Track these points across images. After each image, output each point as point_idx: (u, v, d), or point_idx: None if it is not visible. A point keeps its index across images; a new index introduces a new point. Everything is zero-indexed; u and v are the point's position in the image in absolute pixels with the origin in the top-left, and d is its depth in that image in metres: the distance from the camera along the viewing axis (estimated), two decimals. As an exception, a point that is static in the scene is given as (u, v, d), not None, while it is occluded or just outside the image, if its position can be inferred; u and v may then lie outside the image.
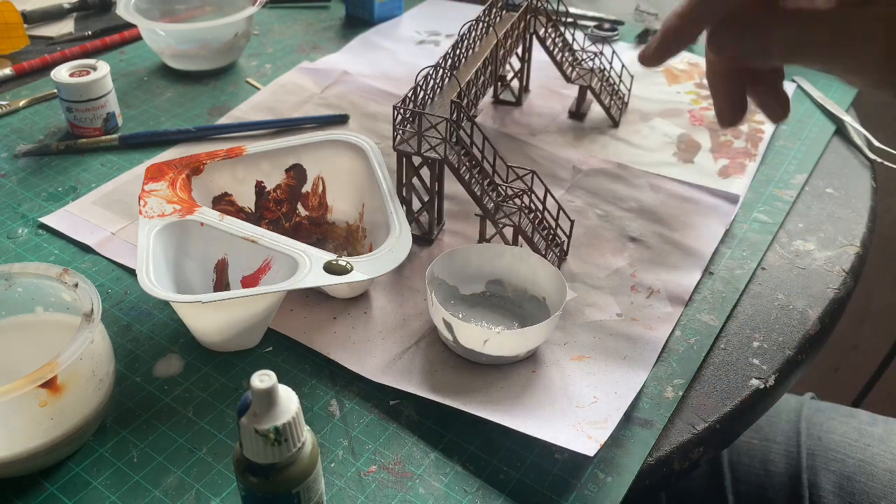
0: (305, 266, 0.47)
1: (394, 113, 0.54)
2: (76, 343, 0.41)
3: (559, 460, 0.45)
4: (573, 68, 0.74)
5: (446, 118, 0.53)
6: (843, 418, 0.67)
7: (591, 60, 0.74)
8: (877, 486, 0.60)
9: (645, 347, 0.51)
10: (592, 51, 0.74)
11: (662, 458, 0.45)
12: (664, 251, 0.60)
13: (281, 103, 0.79)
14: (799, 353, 0.52)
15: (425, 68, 0.57)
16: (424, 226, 0.60)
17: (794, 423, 0.67)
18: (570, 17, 0.75)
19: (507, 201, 0.54)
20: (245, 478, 0.35)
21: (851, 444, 0.64)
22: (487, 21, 0.66)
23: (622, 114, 0.77)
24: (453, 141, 0.54)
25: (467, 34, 0.62)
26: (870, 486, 0.60)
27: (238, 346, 0.51)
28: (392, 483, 0.43)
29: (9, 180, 0.67)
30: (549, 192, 0.55)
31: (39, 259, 0.58)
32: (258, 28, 0.94)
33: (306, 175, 0.60)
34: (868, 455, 0.63)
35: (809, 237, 0.62)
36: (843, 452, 0.63)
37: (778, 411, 0.69)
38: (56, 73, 0.70)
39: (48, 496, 0.43)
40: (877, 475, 0.61)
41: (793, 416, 0.68)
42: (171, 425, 0.46)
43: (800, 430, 0.66)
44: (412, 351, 0.51)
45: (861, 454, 0.63)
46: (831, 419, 0.67)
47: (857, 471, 0.62)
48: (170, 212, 0.52)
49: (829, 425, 0.66)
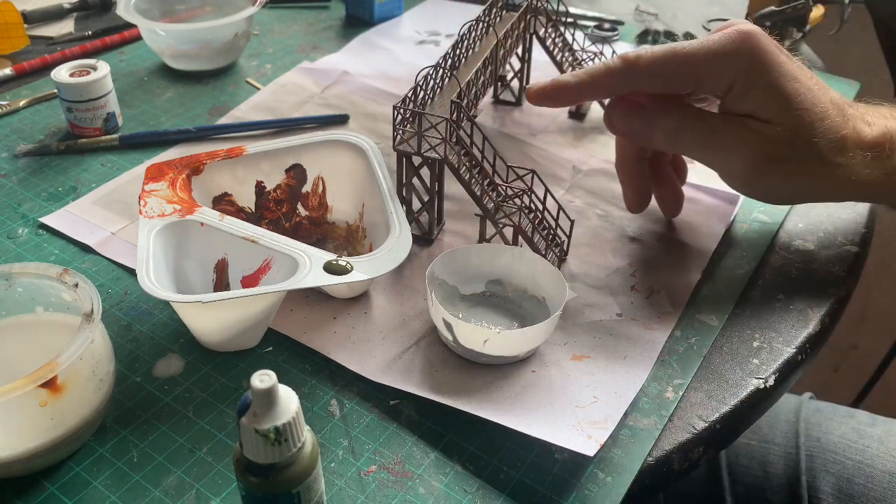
0: (305, 266, 0.48)
1: (394, 113, 0.54)
2: (76, 343, 0.41)
3: (559, 460, 0.45)
4: (573, 68, 0.74)
5: (446, 118, 0.53)
6: (842, 419, 0.67)
7: (591, 60, 0.74)
8: (876, 489, 0.60)
9: (645, 347, 0.51)
10: (592, 51, 0.74)
11: (662, 458, 0.45)
12: (664, 251, 0.60)
13: (281, 103, 0.79)
14: (799, 353, 0.52)
15: (425, 68, 0.57)
16: (424, 226, 0.60)
17: (792, 424, 0.67)
18: (570, 17, 0.75)
19: (507, 201, 0.54)
20: (245, 478, 0.35)
21: (850, 446, 0.64)
22: (487, 21, 0.66)
23: None
24: (453, 141, 0.54)
25: (467, 34, 0.62)
26: (869, 489, 0.60)
27: (238, 346, 0.51)
28: (392, 483, 0.43)
29: (9, 180, 0.67)
30: (549, 192, 0.55)
31: (39, 259, 0.58)
32: (258, 28, 0.94)
33: (306, 175, 0.60)
34: (867, 457, 0.62)
35: (809, 237, 0.62)
36: (842, 454, 0.63)
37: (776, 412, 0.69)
38: (56, 73, 0.70)
39: (48, 496, 0.43)
40: (876, 477, 0.61)
41: (791, 417, 0.68)
42: (171, 425, 0.46)
43: (798, 432, 0.66)
44: (412, 351, 0.51)
45: (860, 456, 0.63)
46: (830, 420, 0.67)
47: (857, 472, 0.61)
48: (170, 212, 0.52)
49: (827, 426, 0.66)
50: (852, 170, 0.50)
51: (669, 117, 0.51)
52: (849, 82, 0.82)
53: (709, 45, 0.49)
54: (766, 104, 0.49)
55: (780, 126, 0.49)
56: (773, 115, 0.49)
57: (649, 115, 0.52)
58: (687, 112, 0.52)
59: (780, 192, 0.53)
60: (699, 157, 0.53)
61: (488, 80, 0.67)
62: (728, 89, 0.50)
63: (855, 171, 0.50)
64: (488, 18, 0.66)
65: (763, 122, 0.49)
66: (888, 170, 0.50)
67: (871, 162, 0.50)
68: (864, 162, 0.50)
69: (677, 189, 0.61)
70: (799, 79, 0.49)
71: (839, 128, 0.49)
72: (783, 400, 0.70)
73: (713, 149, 0.51)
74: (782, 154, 0.50)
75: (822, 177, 0.50)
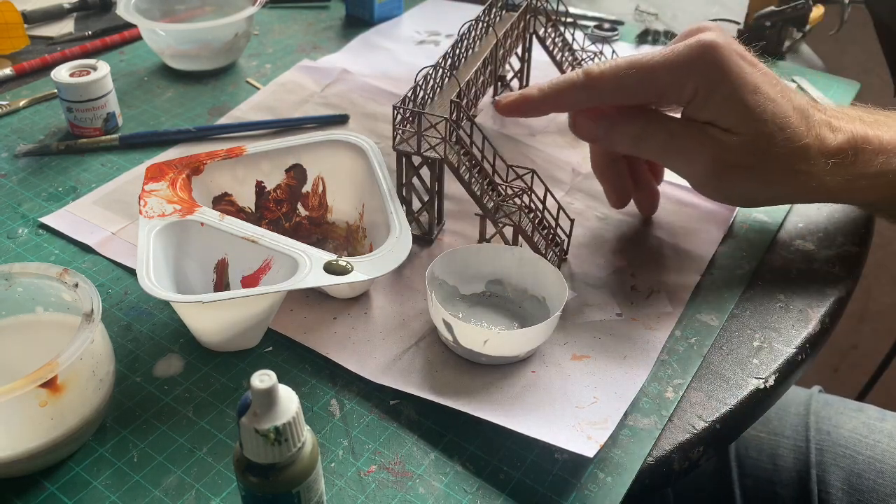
0: (305, 266, 0.48)
1: (393, 112, 0.54)
2: (76, 343, 0.41)
3: (559, 460, 0.45)
4: (573, 68, 0.74)
5: (446, 118, 0.53)
6: (853, 413, 0.67)
7: (590, 60, 0.74)
8: (886, 484, 0.60)
9: (645, 347, 0.51)
10: (592, 50, 0.74)
11: (662, 458, 0.45)
12: (664, 252, 0.60)
13: (281, 103, 0.79)
14: (799, 353, 0.52)
15: (424, 68, 0.57)
16: (424, 226, 0.60)
17: (802, 417, 0.66)
18: (569, 17, 0.75)
19: (506, 201, 0.54)
20: (245, 478, 0.35)
21: (861, 440, 0.63)
22: (487, 21, 0.66)
23: None
24: (453, 141, 0.54)
25: (467, 34, 0.62)
26: (879, 484, 0.60)
27: (238, 346, 0.51)
28: (392, 483, 0.43)
29: (9, 180, 0.67)
30: (549, 192, 0.55)
31: (39, 259, 0.58)
32: (258, 28, 0.94)
33: (306, 175, 0.60)
34: (878, 452, 0.62)
35: (809, 237, 0.62)
36: (853, 448, 0.63)
37: (786, 404, 0.68)
38: (56, 73, 0.70)
39: (48, 496, 0.43)
40: (886, 472, 0.60)
41: (801, 410, 0.67)
42: (171, 425, 0.46)
43: (808, 425, 0.66)
44: (412, 351, 0.51)
45: (871, 451, 0.62)
46: (840, 413, 0.67)
47: (867, 468, 0.61)
48: (170, 212, 0.52)
49: (837, 420, 0.66)
50: (815, 176, 0.51)
51: (631, 123, 0.53)
52: (849, 82, 0.82)
53: (670, 57, 0.50)
54: (725, 115, 0.50)
55: (740, 136, 0.50)
56: (733, 125, 0.50)
57: (612, 120, 0.53)
58: (649, 117, 0.53)
59: (745, 197, 0.54)
60: (662, 161, 0.55)
61: (488, 79, 0.67)
62: (690, 99, 0.50)
63: (817, 178, 0.51)
64: (488, 18, 0.66)
65: (724, 130, 0.50)
66: (851, 175, 0.51)
67: (834, 169, 0.51)
68: (826, 169, 0.51)
69: (653, 189, 0.62)
70: (760, 90, 0.49)
71: (801, 136, 0.50)
72: (792, 393, 0.70)
73: (674, 153, 0.53)
74: (743, 161, 0.50)
75: (784, 184, 0.52)
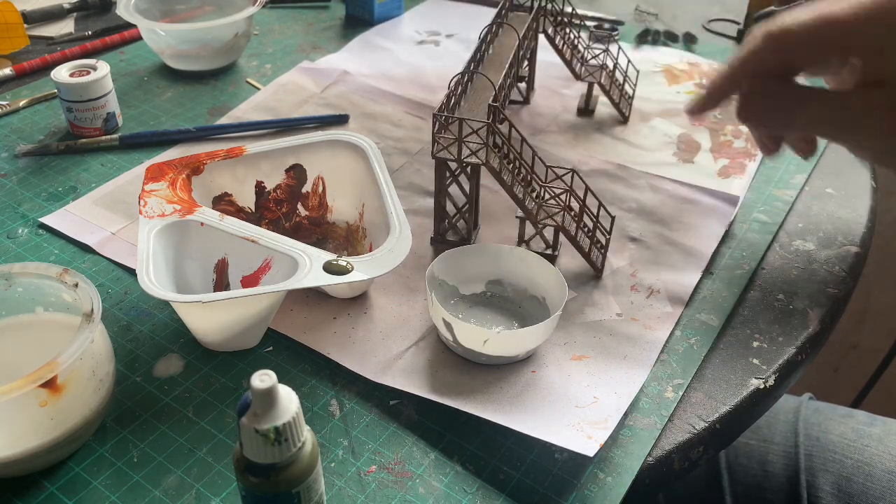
0: (305, 266, 0.47)
1: (433, 121, 0.54)
2: (76, 343, 0.41)
3: (559, 460, 0.45)
4: (581, 65, 0.74)
5: (488, 122, 0.53)
6: (841, 419, 0.67)
7: (596, 58, 0.75)
8: (875, 487, 0.60)
9: (645, 347, 0.51)
10: (599, 47, 0.75)
11: (662, 458, 0.45)
12: (664, 251, 0.60)
13: (281, 103, 0.79)
14: (799, 353, 0.52)
15: (456, 75, 0.56)
16: (462, 231, 0.59)
17: (791, 424, 0.67)
18: (576, 17, 0.75)
19: (548, 201, 0.54)
20: (245, 478, 0.35)
21: (849, 445, 0.64)
22: (503, 23, 0.66)
23: (630, 110, 0.77)
24: (491, 144, 0.54)
25: (486, 37, 0.62)
26: (868, 487, 0.60)
27: (238, 346, 0.51)
28: (392, 483, 0.43)
29: (9, 180, 0.67)
30: (590, 190, 0.54)
31: (39, 259, 0.58)
32: (258, 28, 0.94)
33: (306, 175, 0.60)
34: (866, 456, 0.62)
35: (809, 237, 0.62)
36: (842, 453, 0.63)
37: (776, 412, 0.69)
38: (56, 73, 0.70)
39: (48, 496, 0.43)
40: (875, 476, 0.61)
41: (791, 417, 0.68)
42: (171, 425, 0.46)
43: (798, 431, 0.66)
44: (412, 351, 0.51)
45: (859, 455, 0.63)
46: (829, 420, 0.67)
47: (856, 471, 0.61)
48: (170, 212, 0.52)
49: (826, 426, 0.66)
50: None
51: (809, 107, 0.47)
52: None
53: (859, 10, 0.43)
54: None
55: None
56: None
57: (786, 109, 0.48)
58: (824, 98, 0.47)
59: None
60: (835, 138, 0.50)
61: (513, 81, 0.67)
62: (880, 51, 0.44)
63: None
64: (504, 20, 0.66)
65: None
66: None
67: None
68: None
69: None
70: None
71: None
72: (783, 400, 0.70)
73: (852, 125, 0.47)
74: None
75: None
